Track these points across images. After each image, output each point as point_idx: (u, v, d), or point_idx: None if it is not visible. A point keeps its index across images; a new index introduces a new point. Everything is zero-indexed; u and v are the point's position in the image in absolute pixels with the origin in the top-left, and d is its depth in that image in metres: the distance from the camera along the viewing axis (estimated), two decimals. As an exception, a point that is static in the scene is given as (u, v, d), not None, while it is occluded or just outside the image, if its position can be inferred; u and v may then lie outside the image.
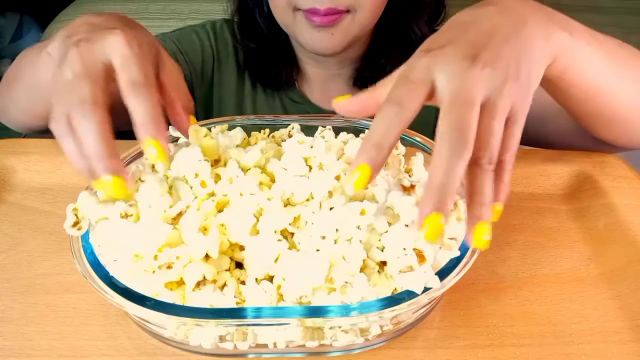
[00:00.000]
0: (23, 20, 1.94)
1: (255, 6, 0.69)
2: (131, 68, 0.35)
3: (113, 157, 0.33)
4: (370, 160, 0.31)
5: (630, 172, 0.55)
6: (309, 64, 0.73)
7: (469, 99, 0.31)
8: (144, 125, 0.34)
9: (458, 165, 0.30)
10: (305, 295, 0.34)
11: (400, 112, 0.32)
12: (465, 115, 0.31)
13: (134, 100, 0.34)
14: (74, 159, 0.34)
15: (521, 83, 0.34)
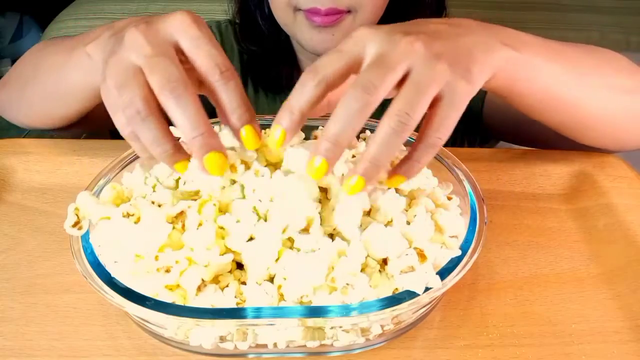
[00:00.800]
0: (23, 20, 1.94)
1: (257, 8, 0.69)
2: (208, 49, 0.34)
3: (213, 133, 0.33)
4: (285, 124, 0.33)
5: (630, 172, 0.55)
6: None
7: (388, 62, 0.32)
8: (235, 111, 0.34)
9: (355, 121, 0.31)
10: (306, 295, 0.34)
11: (314, 77, 0.33)
12: (378, 75, 0.31)
13: (222, 86, 0.33)
14: (158, 142, 0.33)
15: (458, 69, 0.34)
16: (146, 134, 0.33)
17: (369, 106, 0.32)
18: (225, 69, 0.34)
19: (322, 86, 0.33)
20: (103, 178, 0.42)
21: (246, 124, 0.34)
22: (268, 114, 0.49)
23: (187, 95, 0.32)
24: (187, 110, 0.32)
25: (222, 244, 0.36)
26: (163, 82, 0.32)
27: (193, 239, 0.35)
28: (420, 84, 0.32)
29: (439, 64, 0.33)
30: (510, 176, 0.55)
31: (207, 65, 0.34)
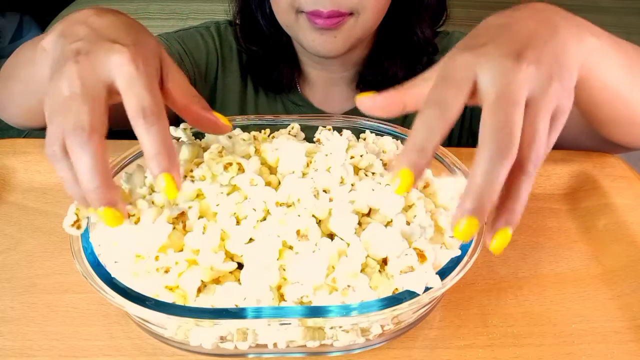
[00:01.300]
0: (23, 20, 1.94)
1: (258, 8, 0.69)
2: (139, 91, 0.33)
3: (108, 187, 0.32)
4: (412, 165, 0.30)
5: (630, 172, 0.55)
6: (311, 66, 0.73)
7: (514, 98, 0.30)
8: (155, 157, 0.33)
9: (501, 168, 0.29)
10: (306, 295, 0.34)
11: (442, 114, 0.31)
12: (511, 116, 0.30)
13: (144, 131, 0.33)
14: (68, 184, 0.33)
15: (564, 83, 0.33)
16: (60, 172, 0.33)
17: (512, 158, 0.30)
18: (150, 113, 0.33)
19: (449, 123, 0.31)
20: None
21: (164, 171, 0.33)
22: (268, 113, 0.49)
23: (89, 144, 0.31)
24: (85, 160, 0.32)
25: (222, 245, 0.36)
26: (70, 127, 0.32)
27: (198, 242, 0.35)
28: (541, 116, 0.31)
29: (552, 84, 0.32)
30: (510, 176, 0.55)
31: (134, 108, 0.33)
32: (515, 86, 0.31)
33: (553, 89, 0.32)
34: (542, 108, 0.31)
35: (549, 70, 0.32)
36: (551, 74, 0.32)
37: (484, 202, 0.29)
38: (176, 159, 0.34)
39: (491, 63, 0.32)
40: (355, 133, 0.46)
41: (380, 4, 0.61)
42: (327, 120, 0.49)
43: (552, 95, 0.32)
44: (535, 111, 0.31)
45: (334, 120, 0.49)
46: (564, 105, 0.33)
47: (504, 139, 0.29)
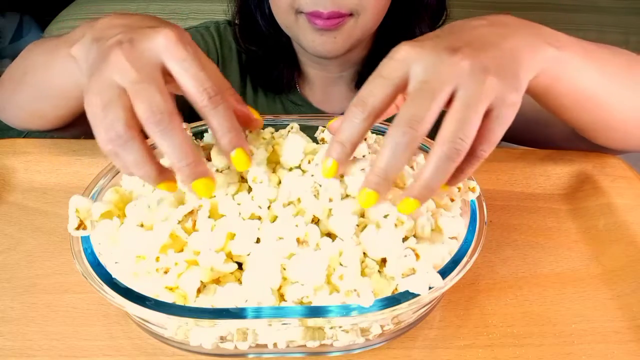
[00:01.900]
0: (23, 20, 1.94)
1: (257, 8, 0.69)
2: (195, 72, 0.33)
3: (201, 162, 0.34)
4: (336, 156, 0.34)
5: (630, 172, 0.55)
6: (311, 66, 0.73)
7: (433, 87, 0.32)
8: (226, 135, 0.34)
9: (403, 153, 0.32)
10: (306, 295, 0.34)
11: (363, 110, 0.33)
12: (423, 104, 0.31)
13: (212, 112, 0.33)
14: (141, 166, 0.33)
15: (507, 80, 0.33)
16: (127, 157, 0.33)
17: (416, 140, 0.32)
18: (214, 93, 0.33)
19: (370, 119, 0.33)
20: (103, 178, 0.42)
21: (236, 147, 0.34)
22: (267, 114, 0.49)
23: (173, 127, 0.32)
24: (173, 142, 0.32)
25: (224, 246, 0.36)
26: (148, 114, 0.32)
27: (202, 241, 0.35)
28: (470, 104, 0.32)
29: (488, 78, 0.32)
30: (510, 176, 0.55)
31: (195, 90, 0.33)
32: (439, 76, 0.32)
33: (488, 82, 0.32)
34: (470, 98, 0.32)
35: (486, 65, 0.33)
36: (488, 68, 0.33)
37: (384, 181, 0.33)
38: (243, 134, 0.35)
39: (424, 56, 0.33)
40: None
41: (380, 4, 0.61)
42: (327, 120, 0.48)
43: (486, 88, 0.32)
44: (463, 100, 0.32)
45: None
46: (505, 99, 0.33)
47: (410, 124, 0.31)
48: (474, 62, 0.33)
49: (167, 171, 0.35)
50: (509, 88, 0.33)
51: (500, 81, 0.33)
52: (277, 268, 0.35)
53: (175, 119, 0.32)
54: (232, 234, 0.36)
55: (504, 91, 0.33)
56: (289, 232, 0.36)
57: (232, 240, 0.36)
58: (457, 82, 0.32)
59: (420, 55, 0.33)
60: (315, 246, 0.36)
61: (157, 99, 0.32)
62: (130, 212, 0.37)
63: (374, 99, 0.33)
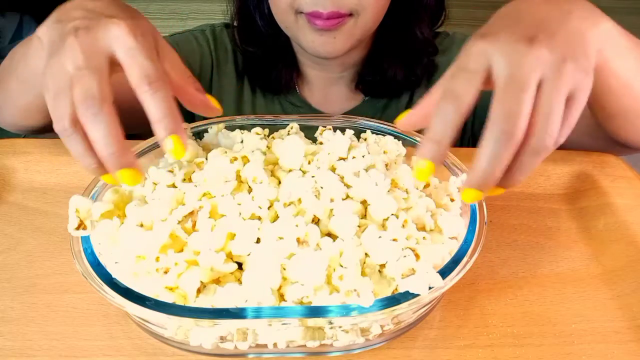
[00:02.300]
0: (23, 20, 1.94)
1: (256, 9, 0.69)
2: (141, 61, 0.34)
3: (124, 151, 0.33)
4: (432, 156, 0.33)
5: (630, 172, 0.55)
6: (310, 67, 0.73)
7: (524, 81, 0.32)
8: (162, 121, 0.34)
9: (505, 152, 0.31)
10: (306, 296, 0.34)
11: (456, 107, 0.33)
12: (518, 99, 0.31)
13: (149, 97, 0.34)
14: (81, 156, 0.34)
15: (580, 62, 0.34)
16: (72, 148, 0.34)
17: (516, 139, 0.31)
18: (155, 79, 0.34)
19: (465, 113, 0.33)
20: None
21: (171, 133, 0.34)
22: (266, 114, 0.49)
23: (102, 113, 0.32)
24: (99, 130, 0.33)
25: (224, 246, 0.36)
26: (79, 99, 0.33)
27: (202, 241, 0.35)
28: (555, 96, 0.32)
29: (566, 66, 0.33)
30: (510, 176, 0.55)
31: (137, 76, 0.34)
32: (527, 69, 0.32)
33: (567, 69, 0.33)
34: (555, 89, 0.32)
35: (562, 51, 0.33)
36: (565, 54, 0.33)
37: (487, 182, 0.32)
38: (181, 122, 0.35)
39: (504, 48, 0.33)
40: (356, 133, 0.46)
41: (380, 4, 0.61)
42: (327, 120, 0.49)
43: (566, 76, 0.32)
44: (548, 92, 0.32)
45: (333, 120, 0.49)
46: (582, 85, 0.33)
47: (509, 123, 0.31)
48: (552, 50, 0.33)
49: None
50: (584, 72, 0.34)
51: (576, 67, 0.33)
52: (277, 268, 0.35)
53: (106, 107, 0.33)
54: (232, 234, 0.36)
55: (580, 76, 0.33)
56: (289, 232, 0.36)
57: (232, 240, 0.36)
58: (541, 73, 0.32)
59: (500, 47, 0.33)
60: (316, 246, 0.36)
61: (92, 86, 0.33)
62: (130, 212, 0.37)
63: (466, 94, 0.33)
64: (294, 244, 0.35)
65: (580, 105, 0.34)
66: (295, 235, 0.35)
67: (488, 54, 0.33)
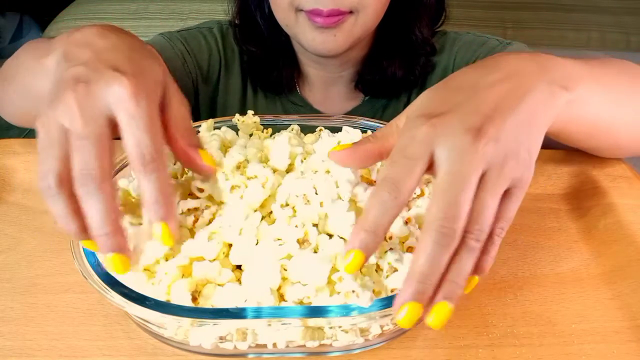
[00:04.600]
0: (23, 20, 1.94)
1: (257, 8, 0.69)
2: (139, 135, 0.32)
3: (117, 234, 0.32)
4: (363, 246, 0.31)
5: (630, 172, 0.55)
6: (311, 66, 0.73)
7: (465, 181, 0.30)
8: (153, 205, 0.32)
9: (445, 254, 0.30)
10: (307, 296, 0.34)
11: (396, 196, 0.31)
12: (456, 201, 0.30)
13: (143, 178, 0.32)
14: (63, 220, 0.32)
15: (521, 159, 0.33)
16: (54, 208, 0.32)
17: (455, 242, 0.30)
18: (149, 160, 0.32)
19: (403, 203, 0.31)
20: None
21: (161, 220, 0.33)
22: (266, 114, 0.49)
23: (98, 191, 0.31)
24: (96, 206, 0.31)
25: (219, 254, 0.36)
26: (78, 173, 0.31)
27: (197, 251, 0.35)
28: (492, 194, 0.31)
29: (508, 163, 0.32)
30: (510, 176, 0.55)
31: (134, 152, 0.32)
32: (468, 167, 0.31)
33: (508, 167, 0.32)
34: (493, 185, 0.31)
35: (506, 146, 0.32)
36: (507, 151, 0.32)
37: (427, 286, 0.29)
38: (174, 207, 0.33)
39: (448, 140, 0.31)
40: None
41: (380, 2, 0.61)
42: (327, 120, 0.49)
43: (506, 174, 0.32)
44: (486, 189, 0.31)
45: (333, 120, 0.49)
46: (522, 179, 0.33)
47: (448, 223, 0.29)
48: (497, 147, 0.32)
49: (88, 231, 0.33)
50: (524, 168, 0.33)
51: (517, 163, 0.32)
52: (276, 268, 0.35)
53: (104, 184, 0.31)
54: (229, 244, 0.36)
55: (520, 172, 0.33)
56: (289, 232, 0.36)
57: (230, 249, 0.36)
58: (483, 170, 0.31)
59: (445, 137, 0.32)
60: (316, 246, 0.36)
61: (91, 161, 0.31)
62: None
63: (405, 184, 0.31)
64: (295, 245, 0.35)
65: (518, 198, 0.33)
66: (296, 236, 0.35)
67: (431, 142, 0.32)
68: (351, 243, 0.31)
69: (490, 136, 0.32)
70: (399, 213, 0.31)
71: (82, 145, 0.31)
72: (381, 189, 0.31)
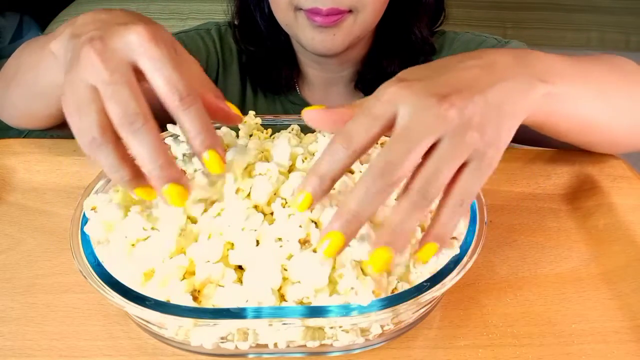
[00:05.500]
0: (23, 20, 1.94)
1: (256, 8, 0.69)
2: (168, 73, 0.33)
3: (172, 165, 0.33)
4: (312, 191, 0.32)
5: (630, 172, 0.55)
6: (310, 66, 0.73)
7: (416, 136, 0.31)
8: (197, 136, 0.33)
9: (375, 197, 0.30)
10: (307, 296, 0.34)
11: (348, 147, 0.32)
12: (402, 151, 0.30)
13: (182, 113, 0.33)
14: (115, 168, 0.33)
15: (487, 135, 0.33)
16: (103, 160, 0.33)
17: (390, 188, 0.31)
18: (186, 94, 0.33)
19: (354, 156, 0.32)
20: (103, 178, 0.41)
21: (208, 148, 0.33)
22: (266, 114, 0.49)
23: (145, 129, 0.32)
24: (144, 144, 0.32)
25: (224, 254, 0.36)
26: (120, 115, 0.32)
27: (200, 251, 0.35)
28: (445, 158, 0.31)
29: (468, 133, 0.32)
30: (510, 176, 0.55)
31: (167, 90, 0.33)
32: (424, 125, 0.31)
33: (469, 137, 0.32)
34: (447, 151, 0.31)
35: (470, 118, 0.32)
36: (471, 122, 0.32)
37: (353, 221, 0.31)
38: (217, 136, 0.34)
39: (412, 100, 0.32)
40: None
41: (380, 1, 0.61)
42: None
43: (465, 143, 0.32)
44: (441, 152, 0.31)
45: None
46: (486, 155, 0.32)
47: (387, 168, 0.30)
48: (459, 114, 0.32)
49: (143, 177, 0.34)
50: (489, 144, 0.33)
51: (481, 137, 0.32)
52: (277, 268, 0.35)
53: (149, 121, 0.32)
54: (231, 243, 0.36)
55: (483, 147, 0.32)
56: (291, 232, 0.36)
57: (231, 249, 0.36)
58: (440, 134, 0.31)
59: (408, 98, 0.32)
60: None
61: (129, 102, 0.32)
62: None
63: (359, 138, 0.32)
64: (296, 245, 0.35)
65: (480, 173, 0.33)
66: (298, 236, 0.35)
67: (396, 102, 0.32)
68: (301, 186, 0.32)
69: (454, 103, 0.32)
70: (349, 164, 0.32)
71: (115, 90, 0.32)
72: (336, 140, 0.32)
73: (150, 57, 0.33)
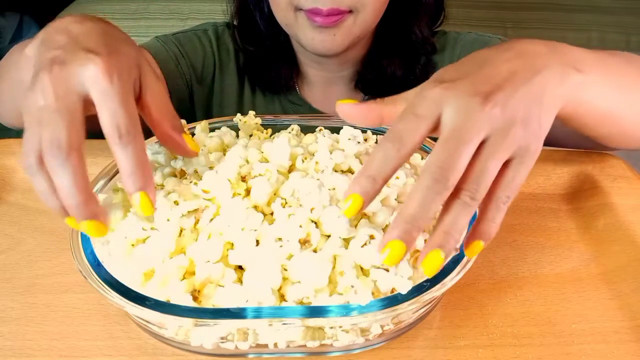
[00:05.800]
0: (23, 20, 1.94)
1: (256, 7, 0.69)
2: (113, 108, 0.33)
3: (89, 202, 0.33)
4: (363, 192, 0.32)
5: (630, 172, 0.55)
6: (310, 66, 0.73)
7: (466, 137, 0.31)
8: (131, 176, 0.33)
9: (433, 201, 0.30)
10: (307, 296, 0.34)
11: (399, 148, 0.32)
12: (454, 153, 0.31)
13: (119, 150, 0.33)
14: (45, 196, 0.33)
15: (530, 129, 0.33)
16: (37, 186, 0.33)
17: (446, 191, 0.31)
18: (125, 132, 0.33)
19: (405, 156, 0.32)
20: (103, 178, 0.41)
21: (139, 190, 0.33)
22: (266, 114, 0.49)
23: (68, 162, 0.32)
24: (64, 178, 0.32)
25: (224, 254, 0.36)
26: (47, 145, 0.32)
27: (200, 251, 0.35)
28: (493, 157, 0.32)
29: (512, 129, 0.32)
30: (510, 176, 0.55)
31: (109, 125, 0.33)
32: (472, 126, 0.31)
33: (514, 133, 0.32)
34: (494, 149, 0.32)
35: (514, 114, 0.32)
36: (515, 118, 0.32)
37: (413, 228, 0.30)
38: (151, 177, 0.34)
39: (457, 100, 0.32)
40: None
41: (380, 1, 0.61)
42: (327, 120, 0.48)
43: (511, 140, 0.32)
44: (487, 151, 0.32)
45: (333, 120, 0.49)
46: (529, 149, 0.33)
47: (442, 172, 0.30)
48: (504, 111, 0.32)
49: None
50: (532, 137, 0.33)
51: (525, 131, 0.33)
52: (277, 268, 0.35)
53: (72, 157, 0.32)
54: (231, 243, 0.36)
55: (527, 141, 0.33)
56: (291, 232, 0.36)
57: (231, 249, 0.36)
58: (486, 133, 0.32)
59: (453, 99, 0.32)
60: (316, 247, 0.36)
61: (60, 132, 0.32)
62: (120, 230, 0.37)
63: (409, 137, 0.32)
64: (296, 245, 0.35)
65: (524, 167, 0.33)
66: (298, 236, 0.35)
67: (441, 102, 0.32)
68: (351, 188, 0.32)
69: (498, 101, 0.32)
70: (400, 165, 0.32)
71: (51, 118, 0.32)
72: (386, 141, 0.32)
73: (99, 90, 0.33)
